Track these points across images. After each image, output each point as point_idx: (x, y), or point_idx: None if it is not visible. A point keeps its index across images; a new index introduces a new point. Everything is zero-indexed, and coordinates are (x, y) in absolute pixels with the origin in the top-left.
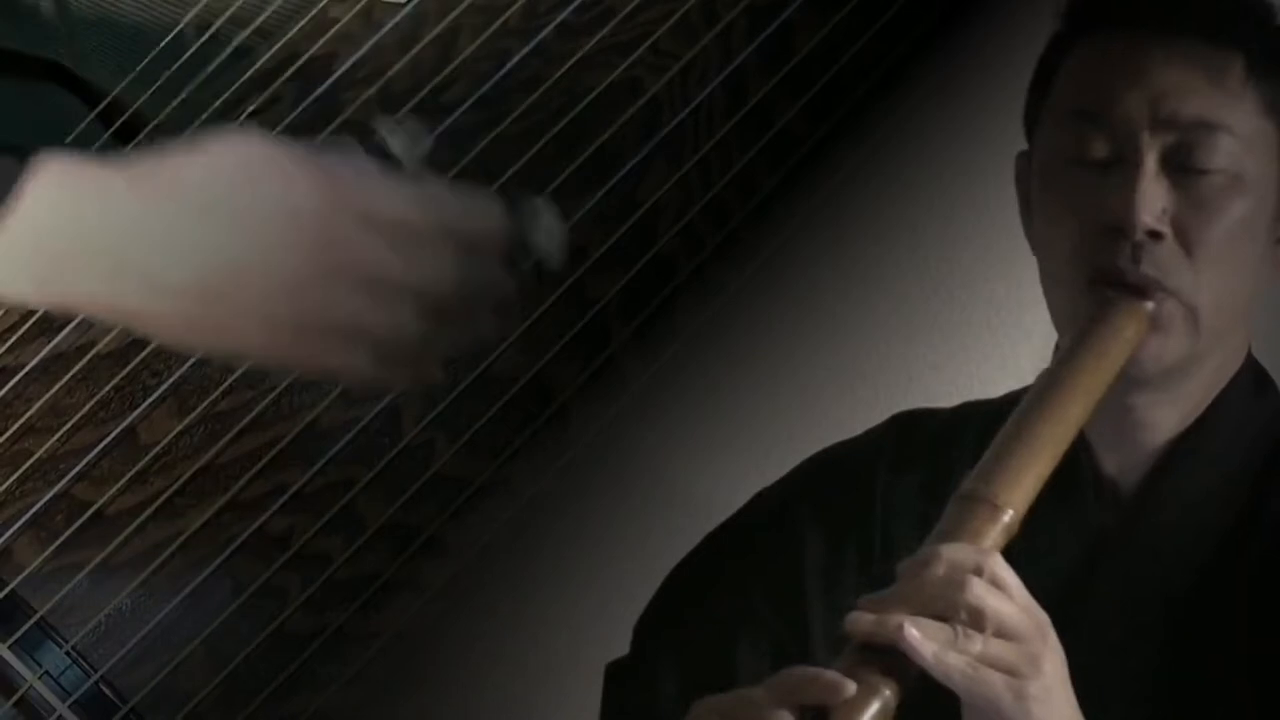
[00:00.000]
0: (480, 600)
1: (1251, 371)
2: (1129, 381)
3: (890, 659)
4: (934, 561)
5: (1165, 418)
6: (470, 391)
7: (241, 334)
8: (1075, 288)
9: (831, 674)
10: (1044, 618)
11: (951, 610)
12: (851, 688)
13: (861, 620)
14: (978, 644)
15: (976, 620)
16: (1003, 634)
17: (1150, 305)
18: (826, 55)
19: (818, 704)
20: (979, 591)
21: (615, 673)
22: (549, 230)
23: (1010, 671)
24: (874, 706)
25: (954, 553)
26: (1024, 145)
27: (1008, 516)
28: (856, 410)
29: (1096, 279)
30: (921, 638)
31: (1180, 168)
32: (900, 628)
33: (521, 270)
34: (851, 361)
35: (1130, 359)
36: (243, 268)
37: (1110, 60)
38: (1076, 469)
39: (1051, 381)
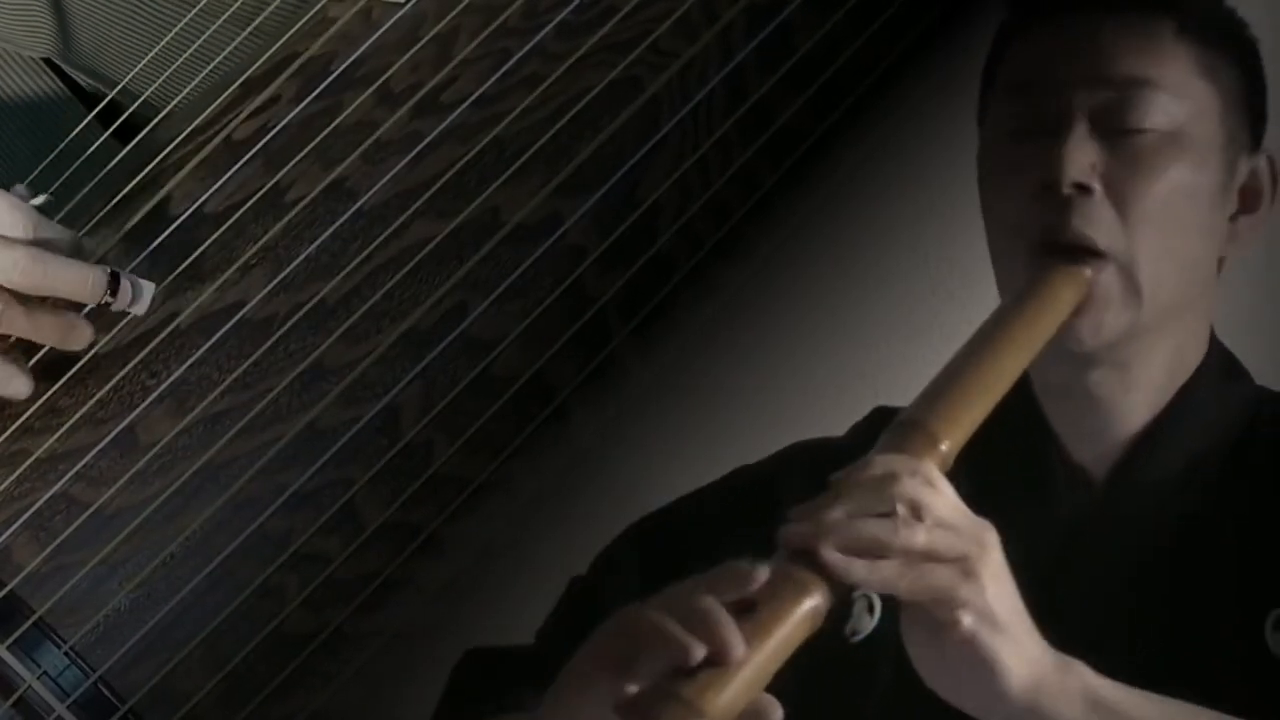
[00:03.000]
0: (480, 600)
1: (1218, 360)
2: (1081, 360)
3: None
4: (869, 465)
5: (1132, 405)
6: (470, 390)
7: None
8: (1018, 257)
9: (748, 565)
10: (982, 520)
11: (888, 506)
12: (764, 574)
13: (794, 532)
14: (921, 534)
15: (915, 512)
16: (942, 525)
17: (1088, 272)
18: (826, 54)
19: (738, 595)
20: (914, 484)
21: (577, 586)
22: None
23: (957, 558)
24: (804, 605)
25: (889, 459)
26: None
27: (944, 446)
28: (856, 410)
29: (1036, 246)
30: (846, 561)
31: (1113, 126)
32: (822, 550)
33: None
34: (851, 361)
35: (1067, 324)
36: None
37: (1046, 36)
38: (1045, 462)
39: (988, 330)
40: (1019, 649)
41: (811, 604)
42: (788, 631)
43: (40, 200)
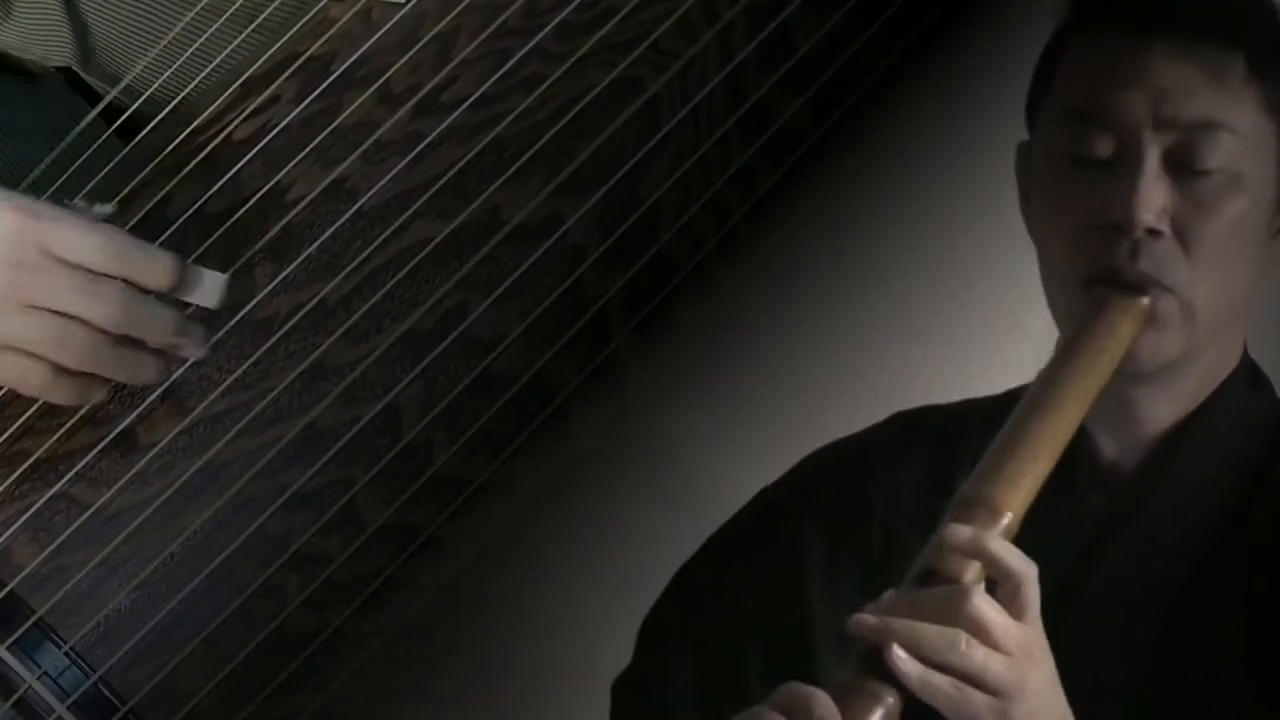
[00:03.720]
0: (480, 600)
1: (1248, 369)
2: (1126, 376)
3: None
4: (934, 568)
5: (1163, 410)
6: (470, 390)
7: None
8: (1074, 286)
9: (808, 692)
10: (1036, 639)
11: (952, 623)
12: (827, 701)
13: (863, 623)
14: (979, 654)
15: (978, 633)
16: (1000, 649)
17: (1146, 301)
18: (826, 54)
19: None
20: (982, 603)
21: (623, 685)
22: (210, 288)
23: (996, 692)
24: (877, 715)
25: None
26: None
27: (1006, 519)
28: (856, 410)
29: (1094, 277)
30: (908, 658)
31: (1181, 167)
32: (889, 648)
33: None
34: (851, 361)
35: (1126, 355)
36: None
37: (1112, 59)
38: (1073, 456)
39: (1048, 383)
40: None
41: (883, 710)
42: None
43: (108, 210)
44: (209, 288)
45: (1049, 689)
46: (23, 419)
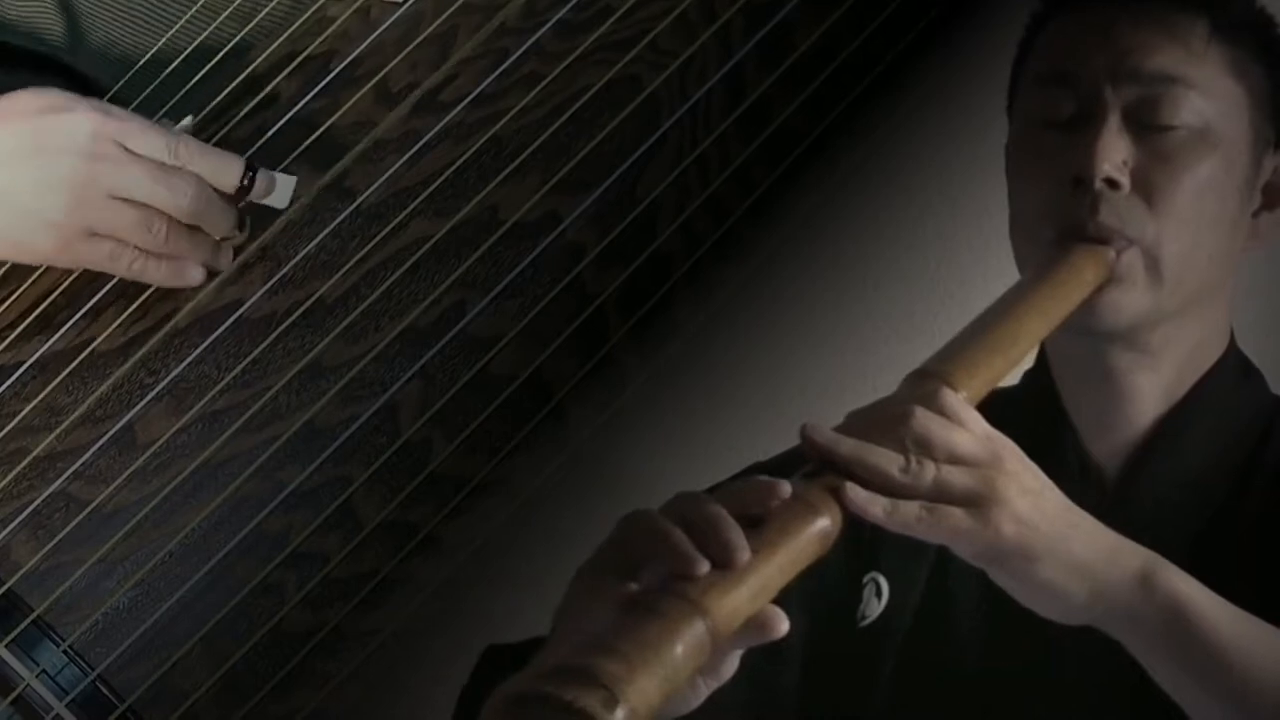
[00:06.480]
0: (478, 599)
1: (1235, 358)
2: (1102, 340)
3: (836, 485)
4: (883, 403)
5: (1147, 387)
6: (468, 389)
7: (36, 244)
8: (1042, 241)
9: (768, 479)
10: (1004, 445)
11: (899, 446)
12: (786, 489)
13: (820, 431)
14: (930, 470)
15: (925, 449)
16: (955, 460)
17: (1112, 253)
18: (825, 53)
19: (757, 507)
20: (923, 420)
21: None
22: (281, 190)
23: (967, 502)
24: (814, 525)
25: (899, 395)
26: None
27: (962, 395)
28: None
29: (1062, 234)
30: (868, 497)
31: (1144, 123)
32: (844, 488)
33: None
34: (851, 361)
35: (1089, 301)
36: (31, 188)
37: (1079, 27)
38: (1062, 454)
39: (1010, 296)
40: (1066, 569)
41: (821, 525)
42: (797, 548)
43: (187, 123)
44: (280, 189)
45: (1040, 495)
46: (20, 417)
